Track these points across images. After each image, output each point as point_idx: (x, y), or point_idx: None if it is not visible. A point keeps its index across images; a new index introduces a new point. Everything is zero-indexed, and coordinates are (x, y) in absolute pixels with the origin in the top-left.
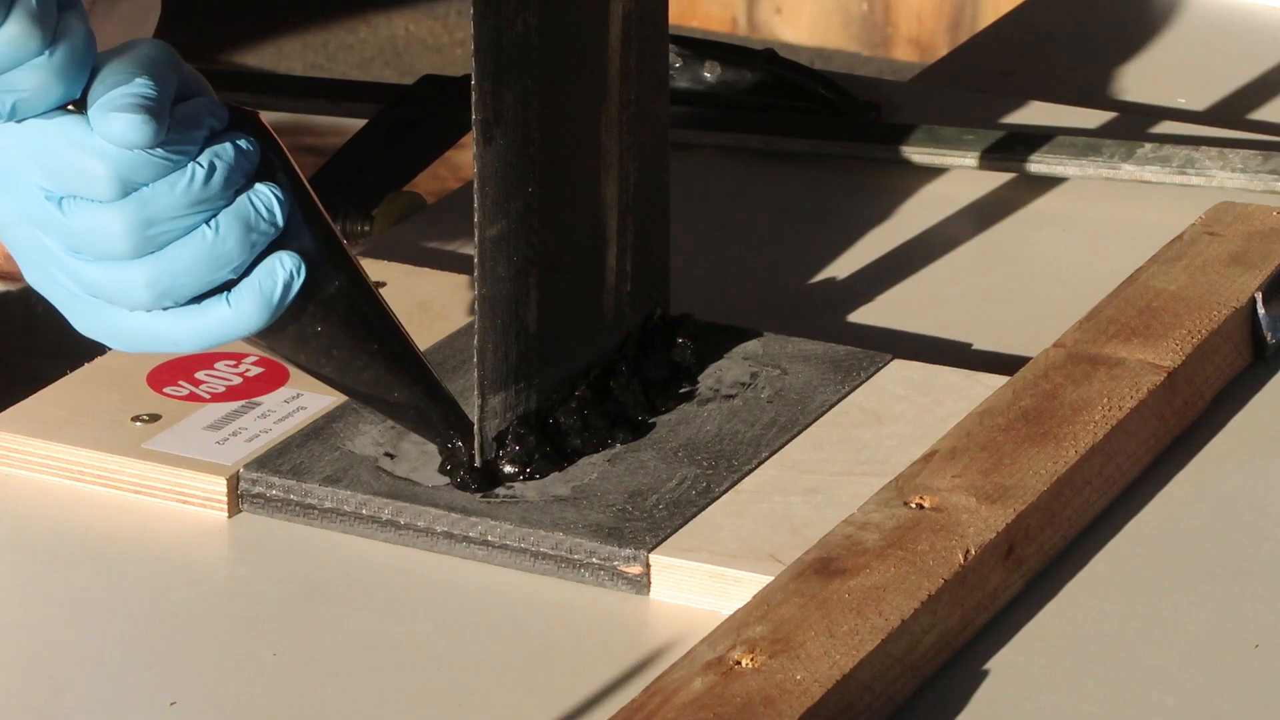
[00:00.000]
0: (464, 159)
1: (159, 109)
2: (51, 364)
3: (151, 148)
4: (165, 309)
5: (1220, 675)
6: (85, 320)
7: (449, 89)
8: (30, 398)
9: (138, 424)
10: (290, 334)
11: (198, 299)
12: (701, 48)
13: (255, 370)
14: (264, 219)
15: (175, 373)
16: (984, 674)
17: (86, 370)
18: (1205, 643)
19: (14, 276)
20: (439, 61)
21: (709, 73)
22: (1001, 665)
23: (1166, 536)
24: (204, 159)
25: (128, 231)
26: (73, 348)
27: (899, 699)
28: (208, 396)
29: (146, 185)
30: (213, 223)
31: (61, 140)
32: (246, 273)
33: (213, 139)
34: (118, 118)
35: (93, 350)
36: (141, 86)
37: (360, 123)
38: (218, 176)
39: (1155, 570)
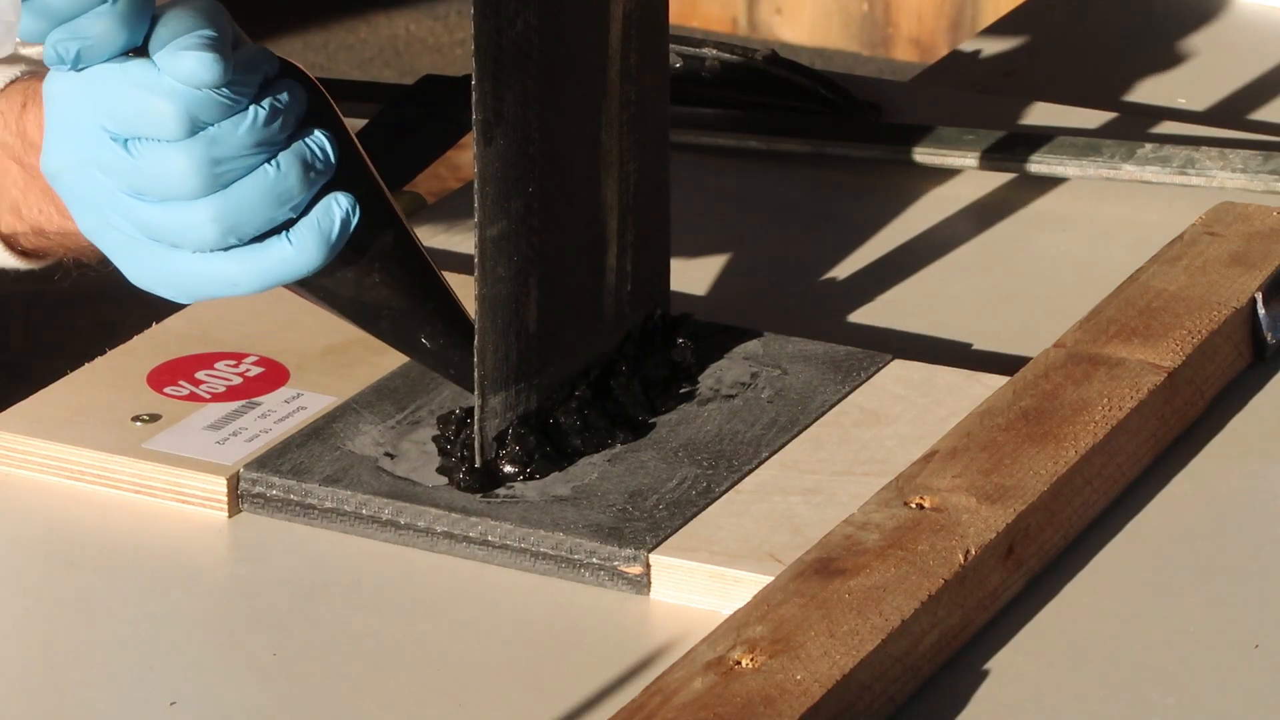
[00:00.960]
0: (464, 159)
1: (224, 50)
2: (51, 364)
3: (218, 87)
4: (227, 249)
5: (1220, 675)
6: (141, 267)
7: (449, 89)
8: (30, 398)
9: (138, 424)
10: (350, 278)
11: (259, 238)
12: (702, 48)
13: (255, 370)
14: (319, 159)
15: (175, 373)
16: (984, 674)
17: (86, 370)
18: (1205, 643)
19: (39, 253)
20: (439, 61)
21: (709, 73)
22: (1001, 665)
23: (1166, 536)
24: (264, 101)
25: (195, 169)
26: (73, 348)
27: (899, 699)
28: (208, 396)
29: (213, 125)
30: (274, 161)
31: (128, 83)
32: (304, 213)
33: (267, 84)
34: (188, 56)
35: (93, 350)
36: (205, 31)
37: (360, 123)
38: (281, 115)
39: (1155, 570)
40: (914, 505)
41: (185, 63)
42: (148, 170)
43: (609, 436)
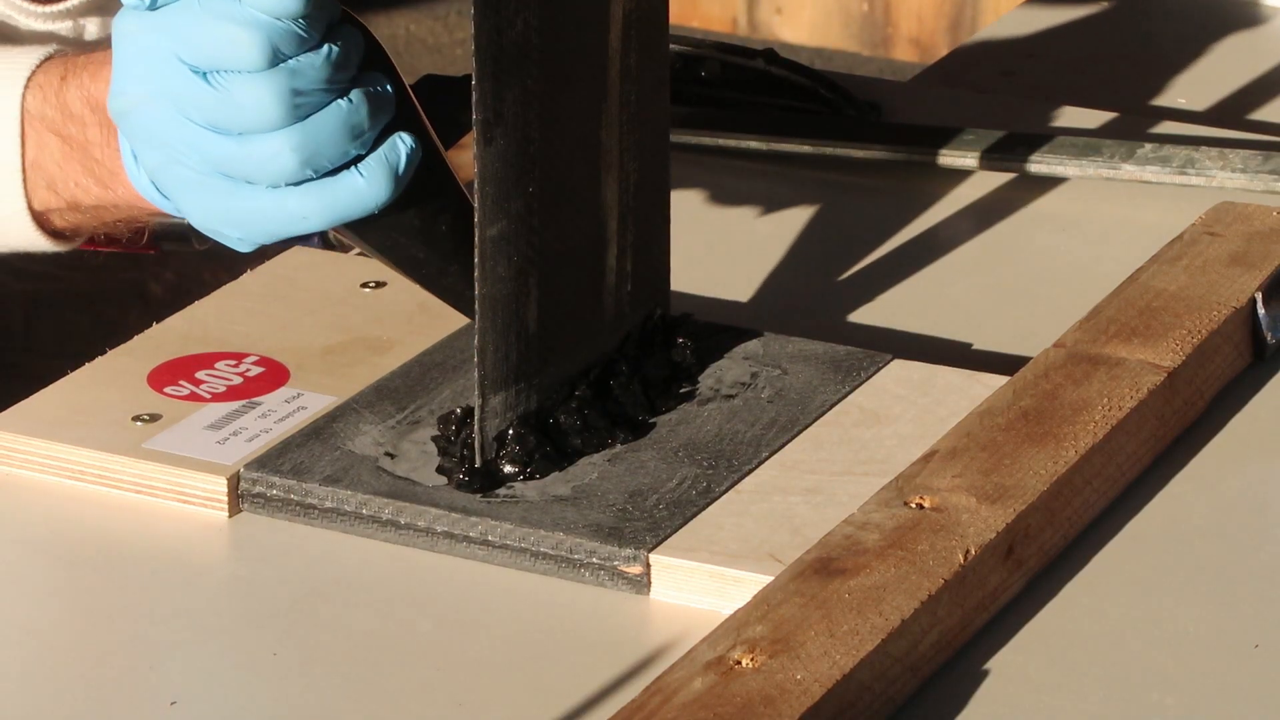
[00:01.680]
0: (464, 159)
1: None
2: (51, 364)
3: (297, 19)
4: (300, 184)
5: (1220, 675)
6: (210, 206)
7: (449, 89)
8: (30, 398)
9: (138, 424)
10: (410, 219)
11: (331, 173)
12: (701, 47)
13: (255, 370)
14: (383, 97)
15: (175, 372)
16: (984, 674)
17: (86, 370)
18: (1205, 643)
19: (70, 233)
20: (439, 61)
21: (709, 73)
22: (1001, 665)
23: (1166, 536)
24: (336, 39)
25: (278, 99)
26: (73, 348)
27: (899, 699)
28: (208, 396)
29: (292, 57)
30: (347, 96)
31: (210, 14)
32: (371, 149)
33: (334, 26)
34: None
35: (93, 350)
36: None
37: None
38: (348, 55)
39: (1155, 570)
40: (914, 505)
41: None
42: (231, 101)
43: (609, 436)
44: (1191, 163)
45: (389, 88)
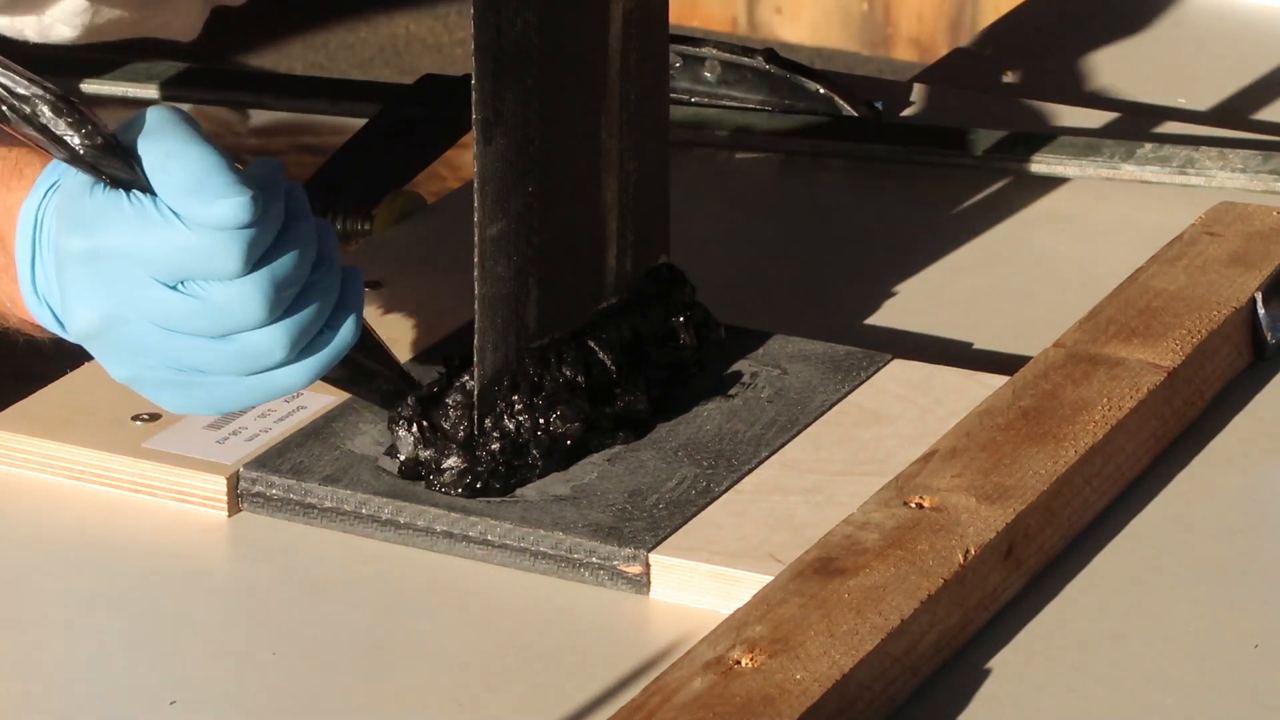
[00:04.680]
0: (464, 159)
1: (248, 182)
2: (51, 364)
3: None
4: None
5: (1220, 675)
6: (193, 400)
7: (449, 89)
8: (30, 397)
9: (138, 423)
10: (364, 343)
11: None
12: (701, 48)
13: None
14: (334, 247)
15: None
16: (985, 673)
17: (86, 370)
18: (1205, 643)
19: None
20: (439, 61)
21: (709, 73)
22: (1001, 665)
23: (1166, 536)
24: (304, 224)
25: (264, 299)
26: (73, 348)
27: (899, 699)
28: None
29: (267, 261)
30: (322, 269)
31: (171, 229)
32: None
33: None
34: (222, 204)
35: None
36: (215, 164)
37: (360, 123)
38: (311, 240)
39: (1155, 570)
40: (914, 505)
41: (222, 211)
42: (214, 307)
43: (609, 437)
44: (1191, 163)
45: (330, 234)
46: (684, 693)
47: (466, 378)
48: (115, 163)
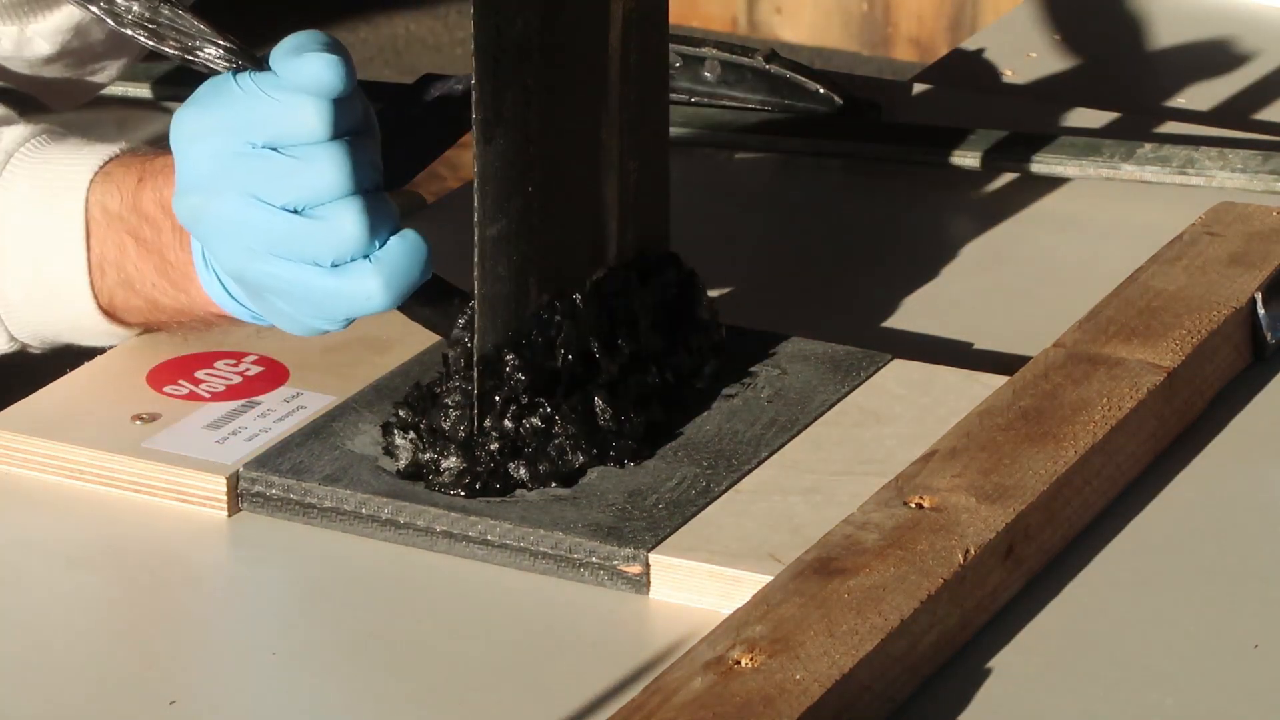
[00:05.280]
0: (464, 159)
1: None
2: (51, 364)
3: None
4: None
5: (1220, 675)
6: (284, 295)
7: (449, 89)
8: (30, 397)
9: (137, 423)
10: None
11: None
12: (701, 48)
13: (255, 370)
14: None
15: (175, 372)
16: (985, 673)
17: (86, 370)
18: (1205, 643)
19: (139, 326)
20: (439, 61)
21: (709, 73)
22: (1002, 665)
23: (1166, 536)
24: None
25: (343, 164)
26: (73, 348)
27: (899, 699)
28: (207, 396)
29: (348, 133)
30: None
31: (265, 95)
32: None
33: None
34: (314, 59)
35: (93, 350)
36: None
37: None
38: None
39: (1155, 570)
40: (913, 505)
41: (312, 64)
42: (301, 167)
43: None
44: (1191, 163)
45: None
46: (684, 693)
47: (465, 379)
48: (242, 58)
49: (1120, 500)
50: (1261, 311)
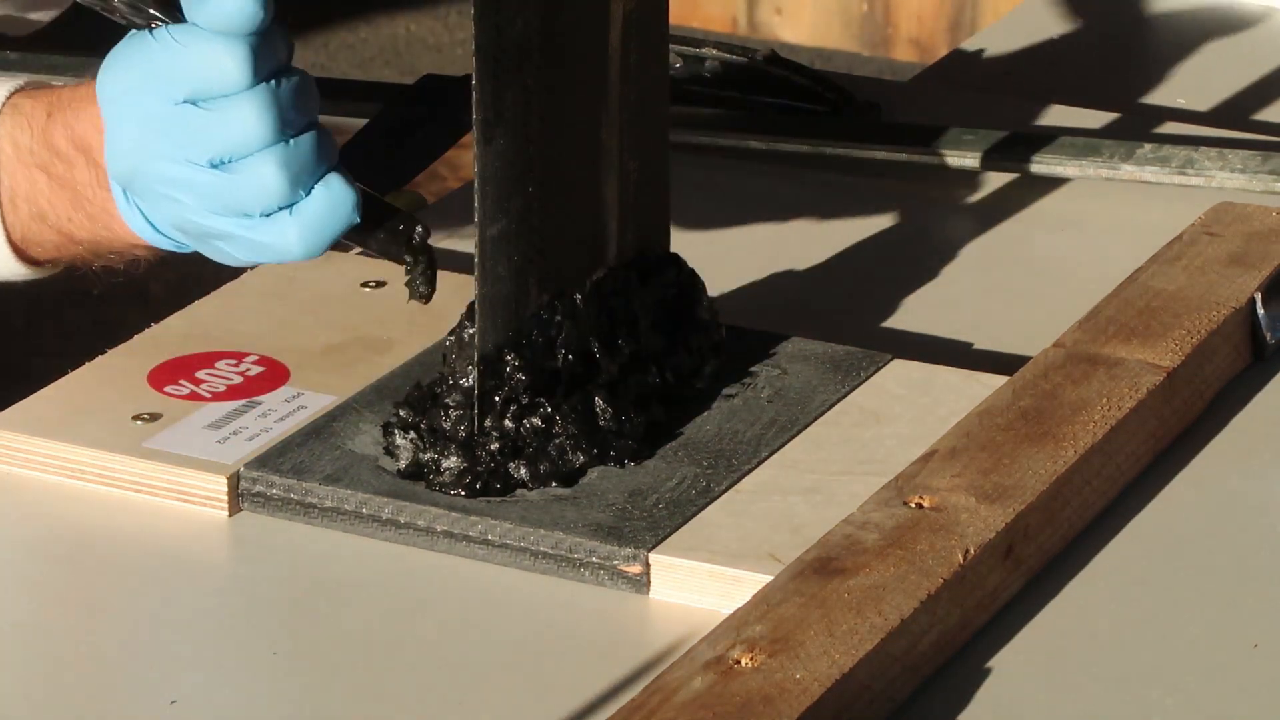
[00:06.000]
0: (464, 159)
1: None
2: (51, 364)
3: (263, 36)
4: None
5: (1220, 675)
6: (215, 247)
7: (449, 89)
8: (30, 397)
9: (138, 423)
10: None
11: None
12: (702, 48)
13: (255, 369)
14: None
15: (176, 372)
16: (985, 673)
17: (86, 370)
18: (1205, 643)
19: (50, 262)
20: (439, 61)
21: (709, 73)
22: (1002, 665)
23: (1166, 536)
24: (295, 72)
25: (265, 112)
26: (73, 348)
27: (899, 698)
28: (208, 395)
29: (271, 78)
30: (315, 126)
31: (184, 45)
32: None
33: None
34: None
35: (93, 350)
36: None
37: (360, 123)
38: (310, 86)
39: (1155, 570)
40: (913, 505)
41: (225, 5)
42: (222, 119)
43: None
44: (1191, 163)
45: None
46: (684, 692)
47: (465, 378)
48: (154, 7)
49: (1120, 500)
50: (1261, 311)
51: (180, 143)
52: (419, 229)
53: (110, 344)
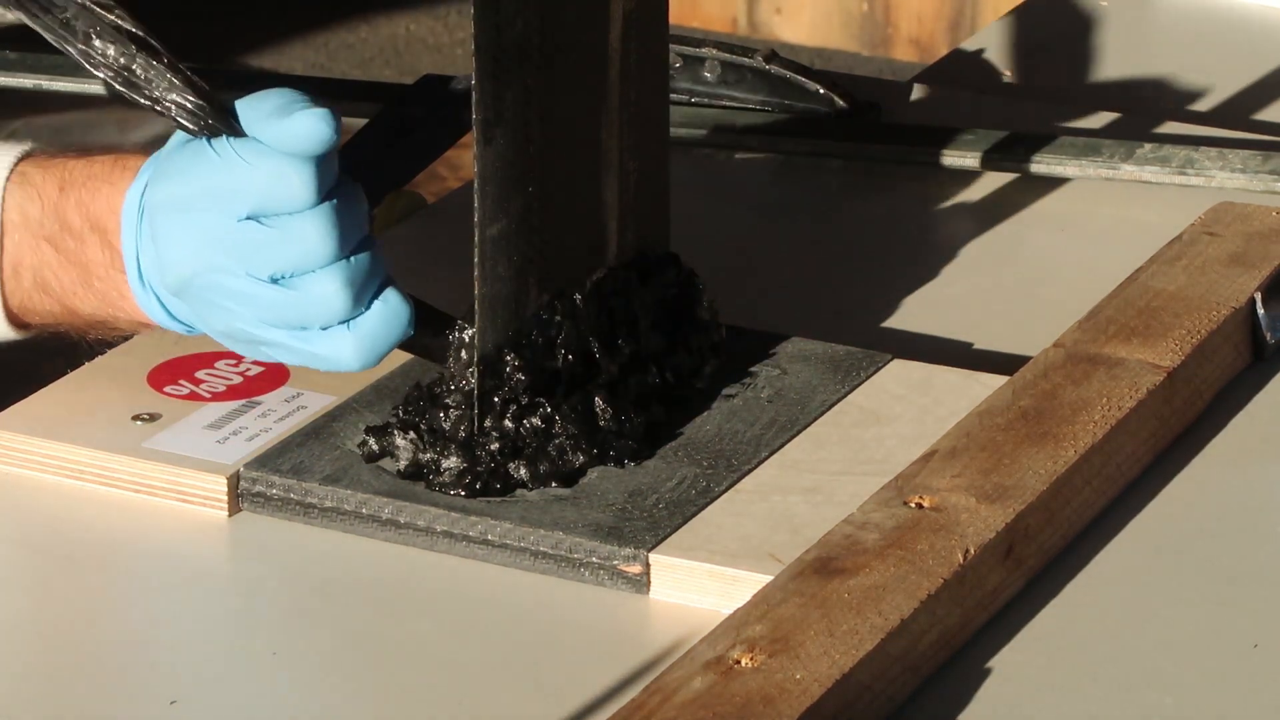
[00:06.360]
0: (464, 159)
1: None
2: (51, 364)
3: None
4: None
5: (1220, 675)
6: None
7: (449, 89)
8: (30, 397)
9: (138, 423)
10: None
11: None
12: (701, 48)
13: (255, 369)
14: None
15: (175, 372)
16: (985, 673)
17: (86, 370)
18: (1205, 643)
19: (46, 327)
20: (439, 61)
21: (709, 73)
22: (1002, 665)
23: (1166, 536)
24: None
25: (329, 230)
26: (73, 348)
27: (899, 699)
28: (208, 395)
29: (332, 197)
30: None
31: (246, 162)
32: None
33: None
34: (303, 117)
35: (93, 350)
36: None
37: (360, 123)
38: (362, 200)
39: (1155, 570)
40: (913, 505)
41: (301, 122)
42: (286, 236)
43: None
44: (1191, 163)
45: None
46: (684, 692)
47: (465, 379)
48: (213, 117)
49: (1120, 500)
50: (1261, 311)
51: (242, 258)
52: (459, 324)
53: (110, 344)
